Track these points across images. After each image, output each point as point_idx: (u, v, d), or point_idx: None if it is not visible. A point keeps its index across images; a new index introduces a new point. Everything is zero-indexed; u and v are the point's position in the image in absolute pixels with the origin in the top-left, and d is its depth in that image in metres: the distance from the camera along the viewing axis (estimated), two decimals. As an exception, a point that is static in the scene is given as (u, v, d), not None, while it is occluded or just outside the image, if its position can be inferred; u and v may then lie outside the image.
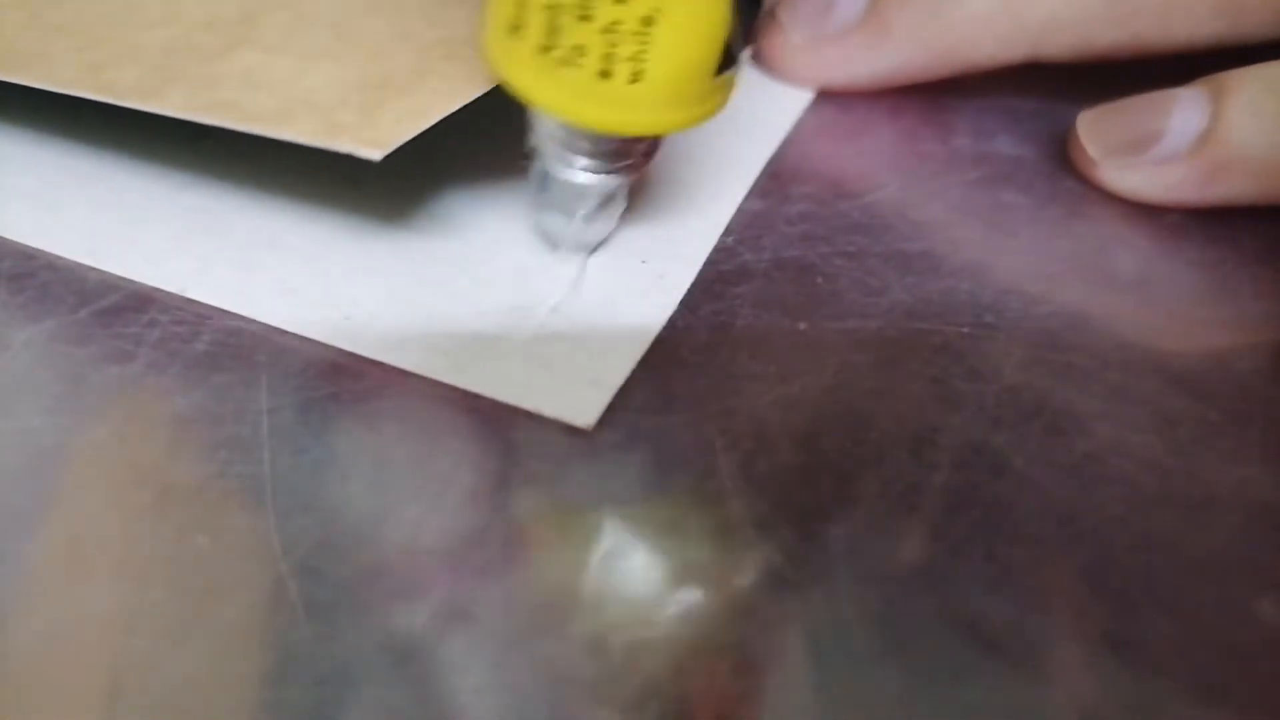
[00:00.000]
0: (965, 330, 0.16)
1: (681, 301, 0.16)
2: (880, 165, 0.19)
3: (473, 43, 0.16)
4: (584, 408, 0.14)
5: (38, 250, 0.16)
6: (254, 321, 0.15)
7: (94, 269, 0.16)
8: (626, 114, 0.14)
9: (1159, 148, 0.18)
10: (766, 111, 0.20)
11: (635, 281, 0.16)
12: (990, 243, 0.17)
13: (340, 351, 0.15)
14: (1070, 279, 0.17)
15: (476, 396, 0.15)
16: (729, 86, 0.14)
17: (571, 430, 0.14)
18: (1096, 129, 0.19)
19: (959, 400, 0.15)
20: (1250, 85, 0.17)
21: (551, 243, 0.17)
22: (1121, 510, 0.13)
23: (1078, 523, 0.13)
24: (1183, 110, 0.18)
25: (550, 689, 0.12)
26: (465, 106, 0.15)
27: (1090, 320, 0.16)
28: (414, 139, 0.14)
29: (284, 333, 0.15)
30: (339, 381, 0.15)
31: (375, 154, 0.14)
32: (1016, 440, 0.14)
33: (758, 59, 0.21)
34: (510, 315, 0.16)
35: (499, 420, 0.14)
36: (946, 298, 0.16)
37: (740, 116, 0.20)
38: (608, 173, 0.15)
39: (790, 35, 0.20)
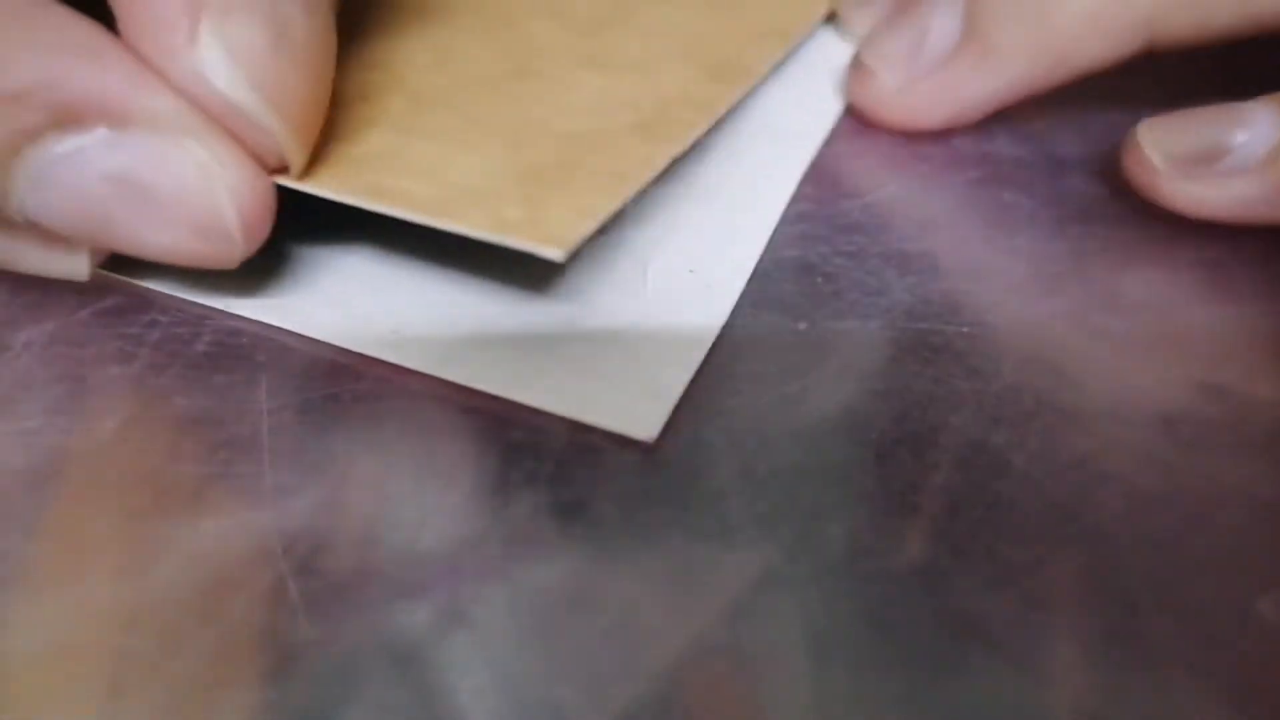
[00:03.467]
0: (965, 330, 0.16)
1: (681, 301, 0.16)
2: (880, 165, 0.19)
3: (602, 133, 0.16)
4: (645, 420, 0.14)
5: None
6: (254, 322, 0.15)
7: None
8: None
9: (1229, 159, 0.17)
10: (802, 119, 0.20)
11: (685, 292, 0.16)
12: (990, 243, 0.17)
13: (341, 351, 0.15)
14: (1070, 279, 0.17)
15: (476, 396, 0.15)
16: None
17: (571, 430, 0.14)
18: (1160, 137, 0.18)
19: (959, 399, 0.15)
20: None
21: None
22: (1121, 509, 0.13)
23: (1078, 522, 0.13)
24: (1255, 123, 0.17)
25: (549, 689, 0.12)
26: None
27: (1090, 320, 0.16)
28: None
29: (284, 333, 0.15)
30: (339, 382, 0.15)
31: (558, 254, 0.13)
32: (1017, 439, 0.14)
33: (853, 108, 0.20)
34: (564, 327, 0.15)
35: (499, 420, 0.14)
36: (946, 298, 0.16)
37: (778, 123, 0.20)
38: None
39: (883, 80, 0.19)
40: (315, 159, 0.15)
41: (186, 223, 0.12)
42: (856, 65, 0.20)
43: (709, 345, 0.15)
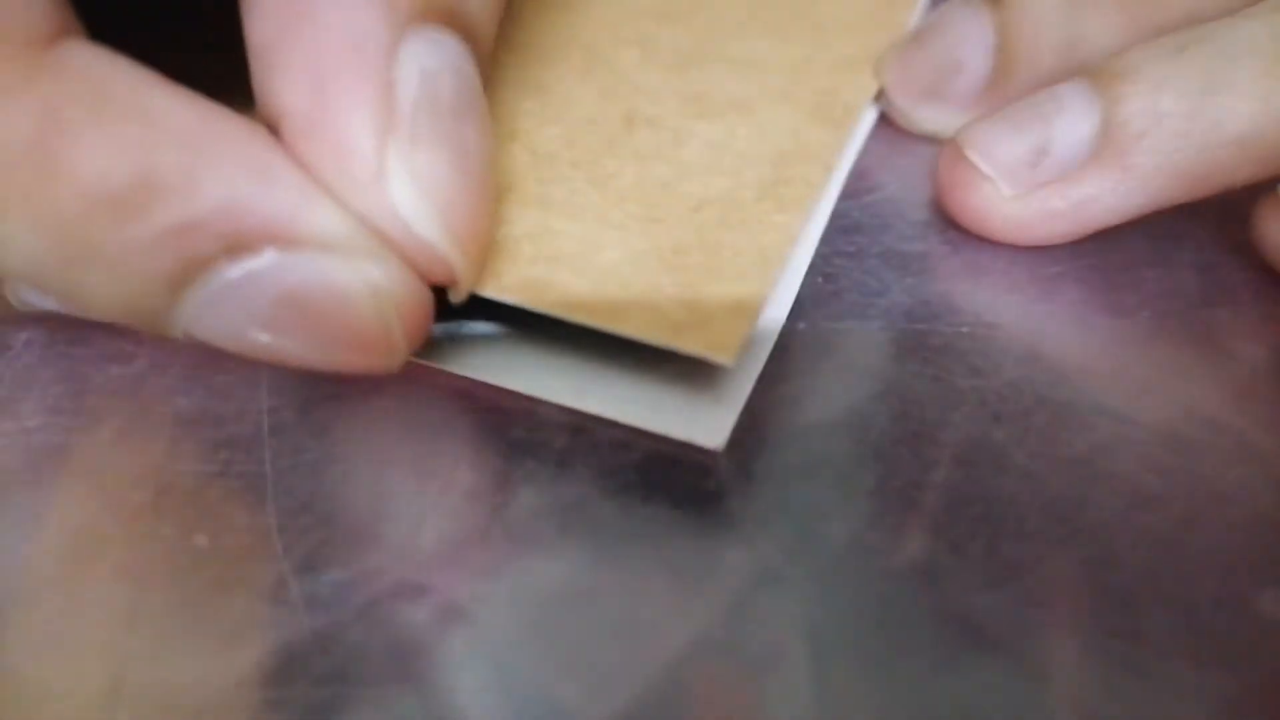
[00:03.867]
0: (965, 330, 0.16)
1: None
2: (880, 165, 0.19)
3: (731, 201, 0.16)
4: (712, 428, 0.14)
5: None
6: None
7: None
8: None
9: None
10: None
11: None
12: (989, 243, 0.17)
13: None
14: (1069, 279, 0.17)
15: (475, 396, 0.15)
16: None
17: (570, 429, 0.14)
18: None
19: (959, 397, 0.15)
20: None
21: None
22: (1122, 507, 0.13)
23: (1078, 519, 0.13)
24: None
25: (549, 688, 0.12)
26: None
27: (1090, 319, 0.16)
28: None
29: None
30: (339, 381, 0.15)
31: (726, 359, 0.13)
32: (1017, 436, 0.14)
33: (953, 213, 0.17)
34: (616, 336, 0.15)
35: (499, 419, 0.14)
36: (946, 298, 0.16)
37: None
38: None
39: (997, 188, 0.16)
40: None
41: (352, 339, 0.12)
42: (958, 161, 0.17)
43: (769, 349, 0.15)
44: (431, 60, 0.12)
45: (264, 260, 0.11)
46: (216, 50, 0.14)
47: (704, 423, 0.14)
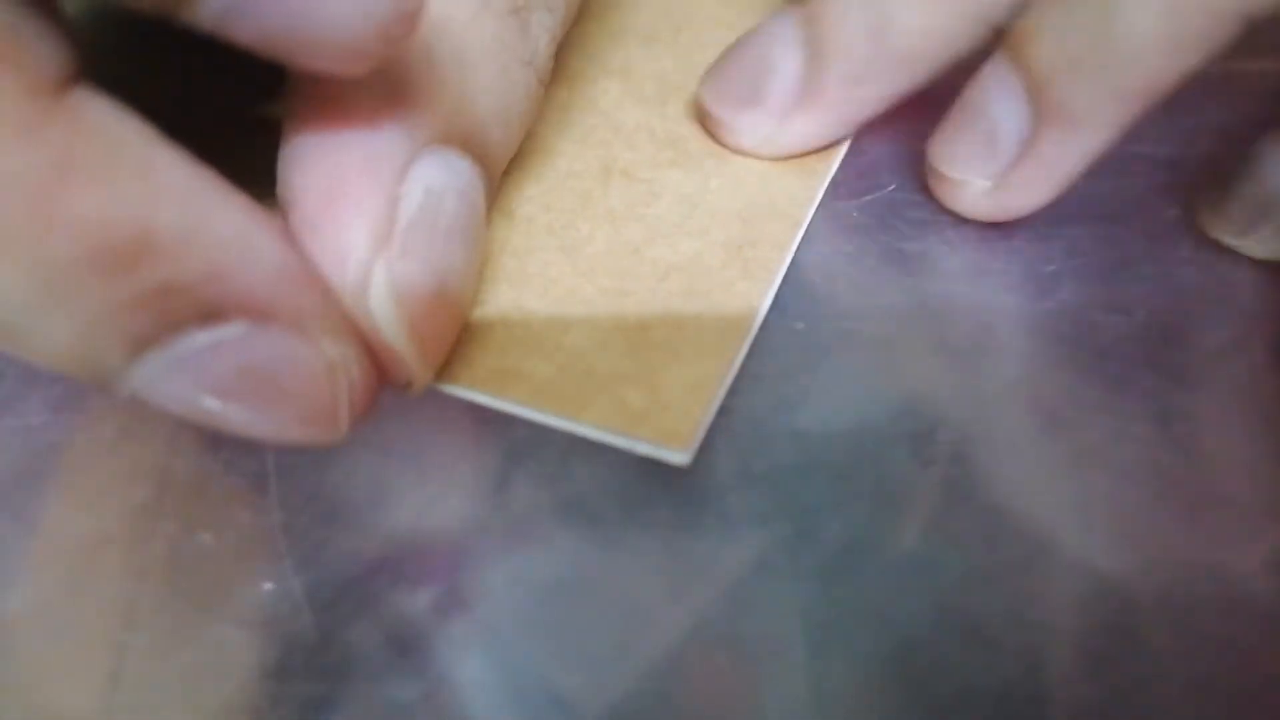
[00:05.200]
0: (964, 330, 0.16)
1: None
2: (880, 165, 0.19)
3: (698, 267, 0.16)
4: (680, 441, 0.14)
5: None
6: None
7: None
8: None
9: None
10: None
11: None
12: (988, 243, 0.17)
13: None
14: (1066, 277, 0.17)
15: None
16: None
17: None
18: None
19: (957, 397, 0.15)
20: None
21: None
22: (1120, 505, 0.13)
23: (1077, 518, 0.13)
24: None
25: (548, 681, 0.12)
26: None
27: (1089, 318, 0.16)
28: None
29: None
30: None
31: (682, 456, 0.14)
32: (1015, 436, 0.14)
33: (957, 213, 0.18)
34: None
35: (500, 416, 0.14)
36: (945, 298, 0.16)
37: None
38: None
39: (973, 186, 0.17)
40: None
41: (303, 414, 0.12)
42: (937, 177, 0.18)
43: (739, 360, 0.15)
44: (438, 180, 0.13)
45: (232, 330, 0.11)
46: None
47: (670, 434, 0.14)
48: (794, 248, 0.17)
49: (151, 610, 0.12)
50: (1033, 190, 0.17)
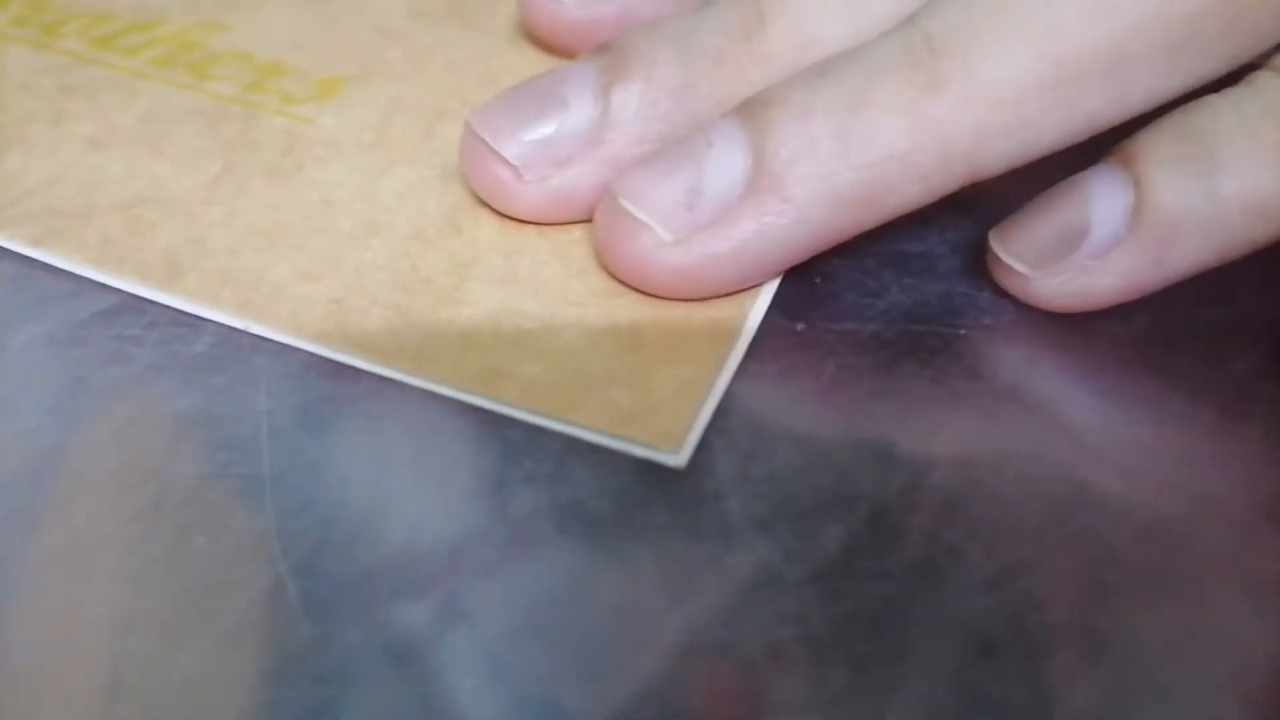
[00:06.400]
0: (963, 332, 0.16)
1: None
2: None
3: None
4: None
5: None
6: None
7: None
8: None
9: (1092, 239, 0.15)
10: None
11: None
12: (988, 243, 0.17)
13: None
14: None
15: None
16: None
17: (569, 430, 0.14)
18: (1015, 245, 0.16)
19: (957, 399, 0.15)
20: (1161, 140, 0.15)
21: None
22: (1120, 509, 0.13)
23: (1076, 521, 0.13)
24: (1102, 191, 0.15)
25: (548, 689, 0.12)
26: None
27: (1088, 320, 0.16)
28: None
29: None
30: (337, 383, 0.15)
31: (677, 458, 0.14)
32: (1015, 438, 0.14)
33: (614, 266, 0.16)
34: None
35: (497, 420, 0.14)
36: (945, 299, 0.16)
37: None
38: None
39: (655, 234, 0.15)
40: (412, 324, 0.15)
41: None
42: (614, 212, 0.15)
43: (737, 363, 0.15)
44: None
45: None
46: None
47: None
48: None
49: (148, 616, 0.12)
50: (714, 265, 0.15)
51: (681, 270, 0.15)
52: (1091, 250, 0.15)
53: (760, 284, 0.16)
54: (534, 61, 0.20)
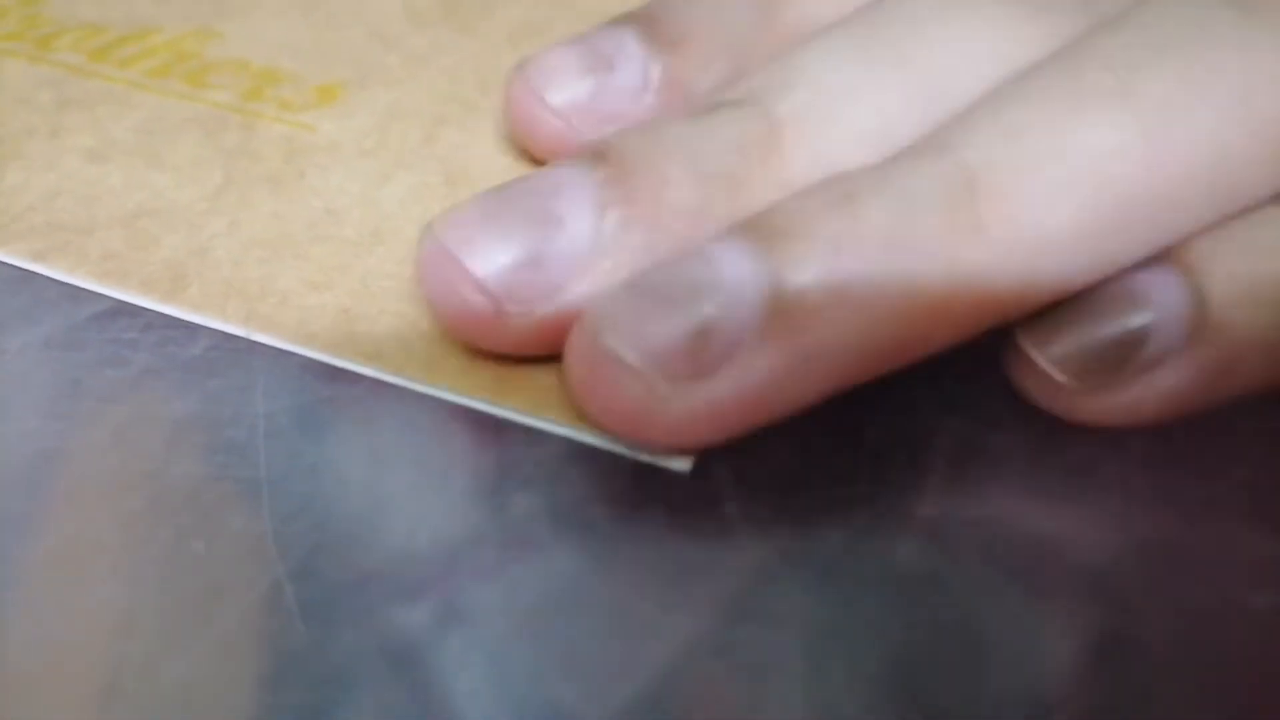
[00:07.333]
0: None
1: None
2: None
3: None
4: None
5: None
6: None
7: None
8: None
9: (1148, 350, 0.13)
10: None
11: None
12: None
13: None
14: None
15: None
16: None
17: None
18: (1057, 346, 0.14)
19: (957, 401, 0.15)
20: (1227, 251, 0.14)
21: None
22: (1120, 509, 0.13)
23: (1076, 522, 0.13)
24: (1160, 295, 0.13)
25: (547, 692, 0.12)
26: None
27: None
28: None
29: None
30: (335, 386, 0.15)
31: (683, 464, 0.14)
32: (1014, 440, 0.14)
33: (597, 416, 0.13)
34: None
35: (495, 423, 0.14)
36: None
37: None
38: None
39: (653, 385, 0.13)
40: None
41: None
42: (595, 354, 0.13)
43: None
44: None
45: None
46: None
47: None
48: None
49: (144, 619, 0.12)
50: (720, 419, 0.13)
51: (682, 426, 0.13)
52: (1144, 363, 0.13)
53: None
54: None
